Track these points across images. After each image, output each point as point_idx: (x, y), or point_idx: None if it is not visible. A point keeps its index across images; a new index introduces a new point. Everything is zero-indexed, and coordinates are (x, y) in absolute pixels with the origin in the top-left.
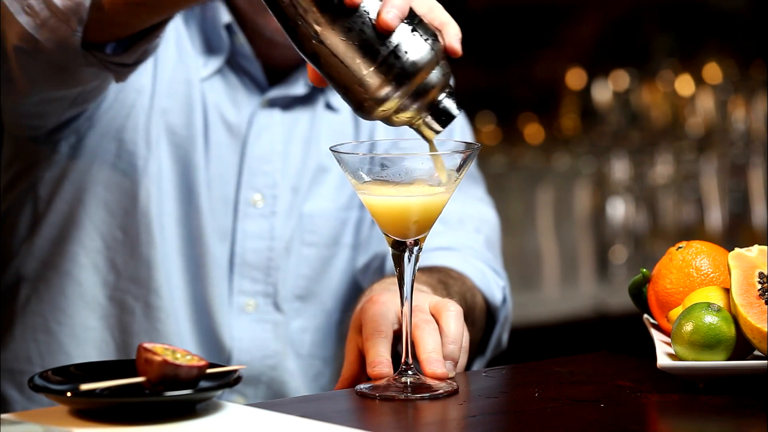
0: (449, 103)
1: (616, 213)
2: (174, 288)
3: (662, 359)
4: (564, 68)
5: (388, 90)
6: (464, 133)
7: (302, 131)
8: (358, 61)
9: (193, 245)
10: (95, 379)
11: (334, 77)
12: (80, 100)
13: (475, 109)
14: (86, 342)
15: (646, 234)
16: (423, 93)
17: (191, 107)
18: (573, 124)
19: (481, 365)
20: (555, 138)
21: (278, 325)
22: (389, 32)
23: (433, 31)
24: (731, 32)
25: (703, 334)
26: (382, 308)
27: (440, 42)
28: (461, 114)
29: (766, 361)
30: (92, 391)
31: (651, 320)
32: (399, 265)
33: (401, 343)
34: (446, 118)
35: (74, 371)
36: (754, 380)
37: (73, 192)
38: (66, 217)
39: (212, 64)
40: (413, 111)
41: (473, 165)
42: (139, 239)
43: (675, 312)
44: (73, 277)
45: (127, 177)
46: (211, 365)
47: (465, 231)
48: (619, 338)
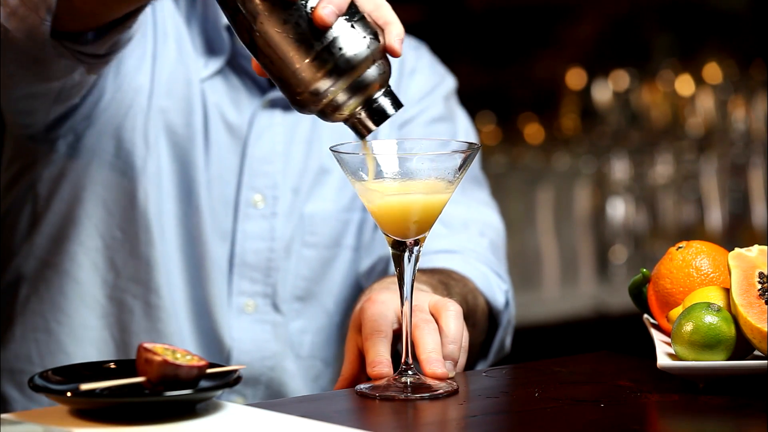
0: (385, 102)
1: (616, 213)
2: (174, 288)
3: (662, 359)
4: (564, 68)
5: (321, 85)
6: (468, 135)
7: (304, 132)
8: (292, 54)
9: (193, 245)
10: (95, 379)
11: (270, 68)
12: (63, 97)
13: (475, 109)
14: (86, 341)
15: (646, 234)
16: (357, 90)
17: (191, 107)
18: (573, 124)
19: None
20: (555, 138)
21: (277, 326)
22: (325, 27)
23: (374, 29)
24: (731, 32)
25: (703, 334)
26: (382, 308)
27: (380, 40)
28: (466, 117)
29: (766, 361)
30: (92, 391)
31: (651, 320)
32: (399, 265)
33: (401, 343)
34: (380, 117)
35: (74, 371)
36: (754, 380)
37: (72, 191)
38: (65, 216)
39: (213, 65)
40: (348, 108)
41: (477, 168)
42: (139, 238)
43: (675, 312)
44: (73, 277)
45: (126, 176)
46: (211, 365)
47: (468, 234)
48: (619, 338)
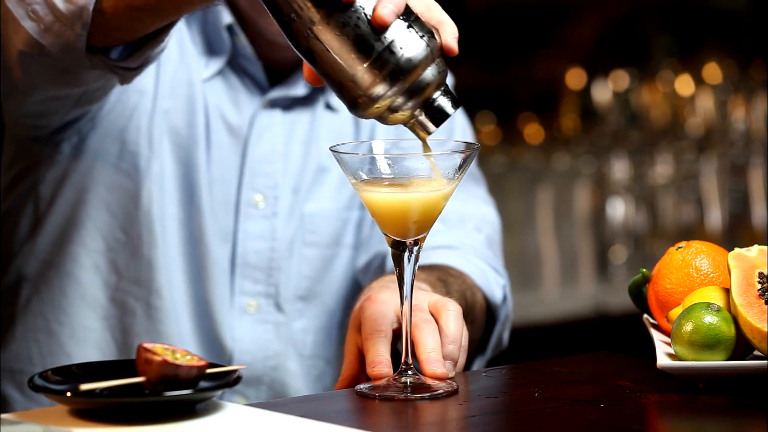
0: (444, 102)
1: (616, 213)
2: (175, 289)
3: (662, 359)
4: (564, 68)
5: (382, 87)
6: (465, 134)
7: (302, 132)
8: (353, 57)
9: (195, 246)
10: (95, 379)
11: (329, 74)
12: (84, 100)
13: (475, 109)
14: (87, 342)
15: (646, 234)
16: (417, 91)
17: (193, 108)
18: (573, 124)
19: (482, 364)
20: (555, 138)
21: (280, 326)
22: (384, 28)
23: (430, 29)
24: (731, 32)
25: (703, 334)
26: (381, 307)
27: (436, 40)
28: (462, 115)
29: (766, 361)
30: (92, 391)
31: (651, 320)
32: (399, 265)
33: (401, 342)
34: (441, 117)
35: (74, 371)
36: (754, 380)
37: (75, 192)
38: (67, 218)
39: (213, 65)
40: (407, 109)
41: (474, 165)
42: (141, 240)
43: (675, 312)
44: (75, 278)
45: (129, 178)
46: (211, 365)
47: (465, 230)
48: (619, 338)
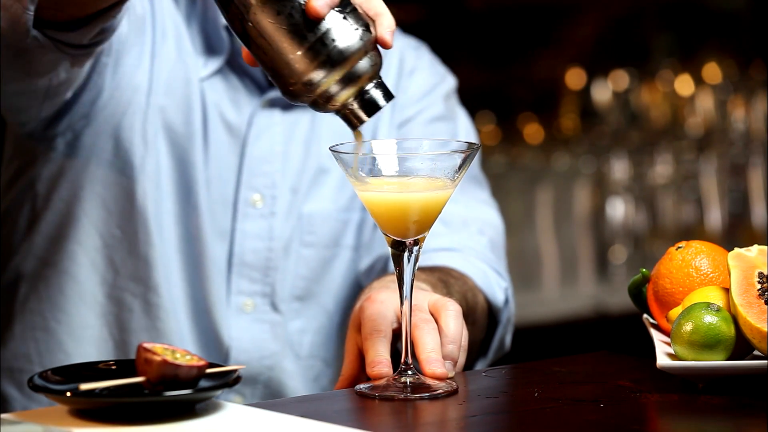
0: (376, 94)
1: (616, 213)
2: (173, 286)
3: (662, 359)
4: (564, 68)
5: (314, 75)
6: (469, 135)
7: (302, 132)
8: (286, 45)
9: (192, 244)
10: (95, 379)
11: (263, 59)
12: (51, 94)
13: (475, 109)
14: (85, 340)
15: (646, 234)
16: (349, 81)
17: (190, 106)
18: (573, 124)
19: (483, 367)
20: (555, 138)
21: (276, 326)
22: (318, 19)
23: (366, 21)
24: (731, 32)
25: (703, 334)
26: (381, 307)
27: (372, 32)
28: (466, 117)
29: (766, 361)
30: (92, 391)
31: (651, 320)
32: (398, 265)
33: (400, 342)
34: (372, 108)
35: (74, 371)
36: (754, 380)
37: (71, 190)
38: (64, 215)
39: (212, 64)
40: (340, 99)
41: (477, 167)
42: (137, 237)
43: (675, 312)
44: (72, 275)
45: (124, 175)
46: (211, 365)
47: (468, 233)
48: (619, 338)
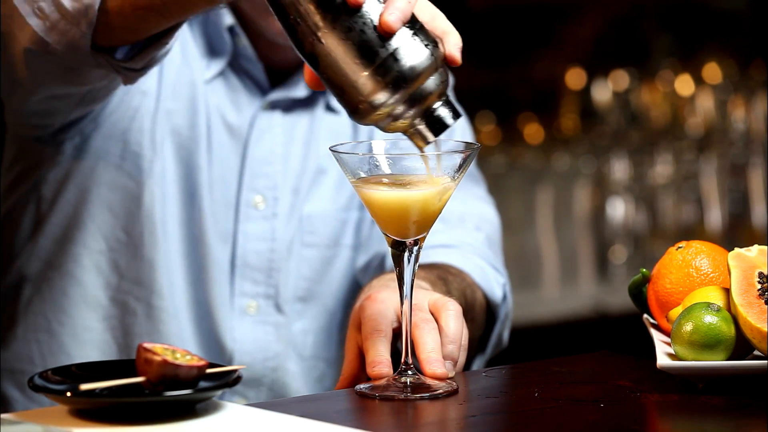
0: (444, 112)
1: (616, 213)
2: (176, 289)
3: (662, 359)
4: (564, 68)
5: (384, 94)
6: (465, 135)
7: (302, 133)
8: (357, 63)
9: (196, 247)
10: (95, 379)
11: (331, 78)
12: (88, 100)
13: (475, 109)
14: (88, 343)
15: (646, 234)
16: (419, 99)
17: (195, 109)
18: (573, 124)
19: (482, 363)
20: (555, 138)
21: (280, 327)
22: (390, 34)
23: (434, 38)
24: (731, 32)
25: (703, 334)
26: (381, 306)
27: (440, 49)
28: (462, 115)
29: (766, 361)
30: (92, 391)
31: (651, 320)
32: (398, 265)
33: (401, 341)
34: (440, 127)
35: (74, 371)
36: (754, 380)
37: (77, 193)
38: (69, 218)
39: (215, 67)
40: (407, 117)
41: (473, 165)
42: (143, 240)
43: (675, 312)
44: (76, 278)
45: (132, 178)
46: (211, 365)
47: (465, 229)
48: (619, 338)
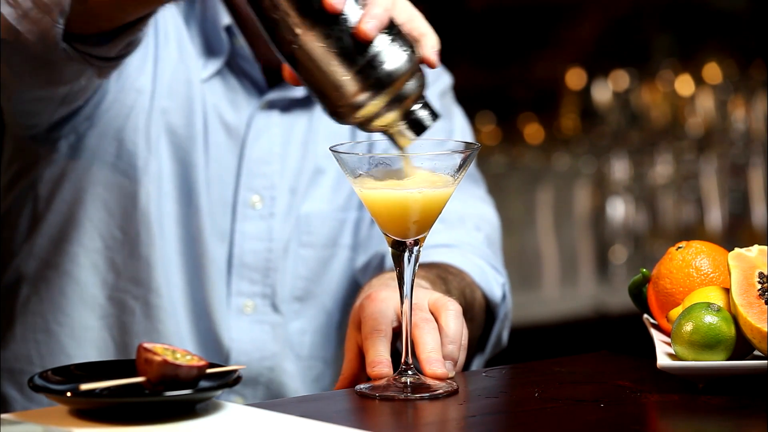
0: (423, 114)
1: (616, 213)
2: (173, 288)
3: (662, 359)
4: (564, 68)
5: (363, 98)
6: (465, 135)
7: (300, 133)
8: (335, 68)
9: (193, 246)
10: (95, 379)
11: (310, 81)
12: (69, 100)
13: (475, 109)
14: (86, 342)
15: (646, 234)
16: (398, 102)
17: (191, 108)
18: (573, 124)
19: (481, 363)
20: (555, 138)
21: (277, 327)
22: (367, 42)
23: (411, 42)
24: (731, 32)
25: (703, 334)
26: (381, 306)
27: (417, 53)
28: (462, 116)
29: (766, 361)
30: (92, 391)
31: (651, 320)
32: (399, 265)
33: (401, 341)
34: (419, 128)
35: (74, 371)
36: (754, 380)
37: (73, 192)
38: (66, 217)
39: (212, 66)
40: (387, 119)
41: (473, 166)
42: (139, 239)
43: (675, 312)
44: (73, 277)
45: (127, 177)
46: (211, 365)
47: (465, 229)
48: (619, 338)
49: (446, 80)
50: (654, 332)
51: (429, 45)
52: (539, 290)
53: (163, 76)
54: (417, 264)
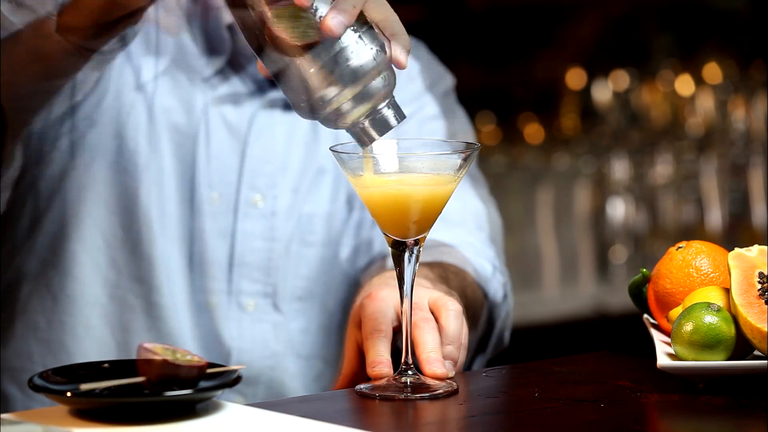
0: (388, 113)
1: (616, 213)
2: (175, 286)
3: (662, 359)
4: (564, 68)
5: (326, 93)
6: (466, 136)
7: (303, 132)
8: (299, 62)
9: (194, 244)
10: (95, 379)
11: (277, 75)
12: (67, 94)
13: (475, 109)
14: (87, 340)
15: (646, 234)
16: (362, 100)
17: (193, 106)
18: (573, 124)
19: (483, 363)
20: (555, 138)
21: (278, 326)
22: (332, 37)
23: (381, 41)
24: (731, 32)
25: (703, 334)
26: (381, 305)
27: (386, 52)
28: (464, 115)
29: (766, 361)
30: (92, 391)
31: (651, 320)
32: (399, 265)
33: (401, 340)
34: (383, 128)
35: (74, 371)
36: (754, 380)
37: (74, 190)
38: (67, 215)
39: (214, 65)
40: (351, 117)
41: (474, 166)
42: (140, 237)
43: (675, 312)
44: (74, 276)
45: (128, 175)
46: (211, 365)
47: (466, 229)
48: (619, 338)
49: (449, 81)
50: (654, 332)
51: (400, 45)
52: (539, 290)
53: (165, 75)
54: (417, 264)
